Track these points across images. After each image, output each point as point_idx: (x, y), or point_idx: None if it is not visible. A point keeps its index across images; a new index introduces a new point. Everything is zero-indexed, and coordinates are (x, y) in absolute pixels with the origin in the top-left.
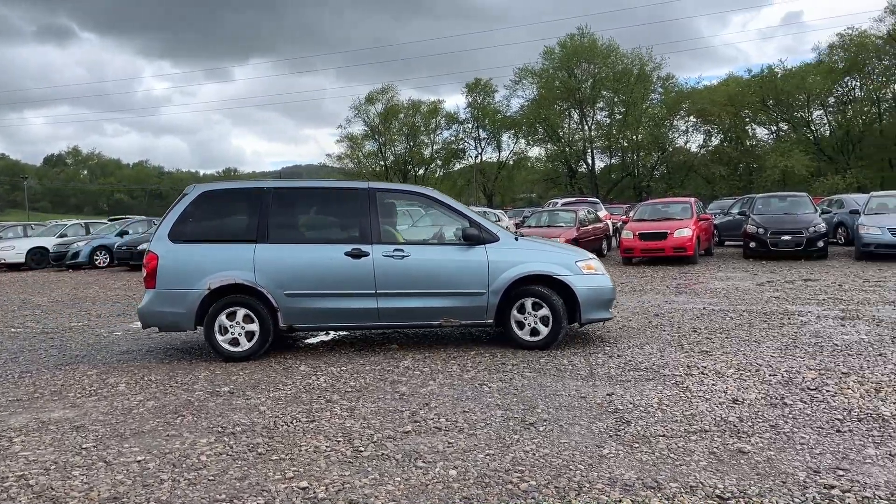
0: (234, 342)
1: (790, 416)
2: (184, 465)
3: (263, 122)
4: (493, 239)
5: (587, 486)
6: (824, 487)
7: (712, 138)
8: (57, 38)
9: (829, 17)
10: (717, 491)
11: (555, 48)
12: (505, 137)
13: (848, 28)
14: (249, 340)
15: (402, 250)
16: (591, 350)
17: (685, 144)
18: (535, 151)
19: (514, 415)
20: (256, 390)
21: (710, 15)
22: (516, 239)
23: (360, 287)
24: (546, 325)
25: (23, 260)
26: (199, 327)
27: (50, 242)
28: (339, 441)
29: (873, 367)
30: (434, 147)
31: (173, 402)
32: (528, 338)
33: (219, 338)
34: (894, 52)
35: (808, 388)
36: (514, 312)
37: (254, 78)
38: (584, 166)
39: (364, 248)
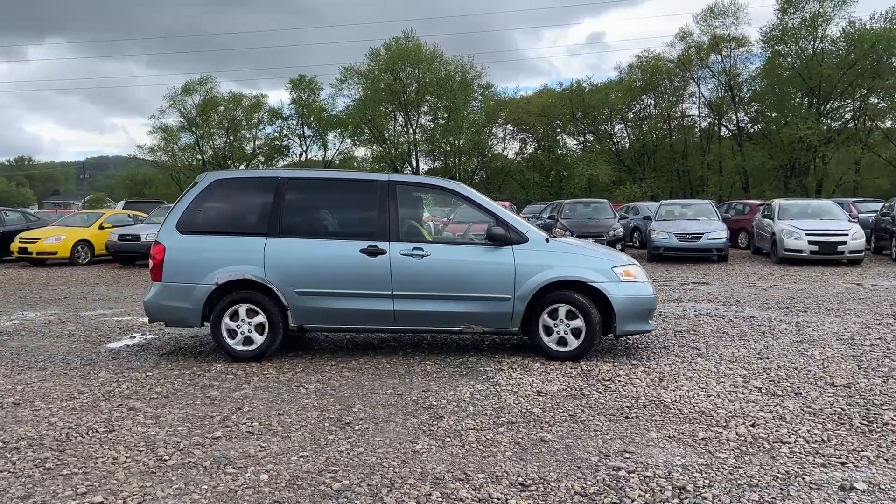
0: (248, 341)
1: (587, 405)
2: None
3: (64, 109)
4: (522, 240)
5: (399, 482)
6: (613, 469)
7: (527, 146)
8: None
9: (629, 38)
10: (521, 479)
11: (380, 50)
12: (331, 136)
13: (644, 51)
14: (260, 336)
15: (421, 249)
16: (408, 349)
17: (503, 151)
18: (361, 151)
19: (330, 415)
20: (47, 400)
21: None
22: (547, 240)
23: (376, 287)
24: (577, 337)
25: None
26: (206, 324)
27: None
28: (140, 451)
29: (657, 359)
30: (256, 142)
31: None
32: (556, 347)
33: (226, 337)
34: (683, 74)
35: (604, 380)
36: (545, 316)
37: (50, 59)
38: (409, 168)
39: (381, 245)
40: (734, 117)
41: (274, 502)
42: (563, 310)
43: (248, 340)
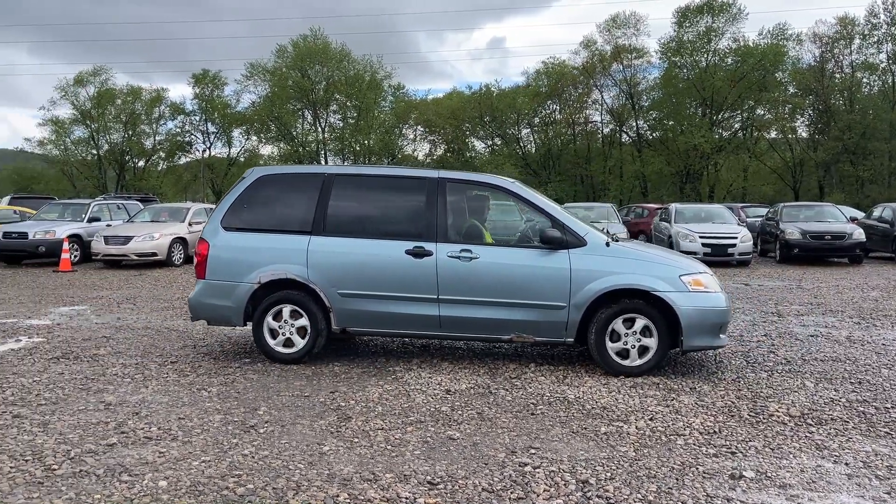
0: (289, 343)
1: (494, 403)
2: None
3: None
4: (580, 243)
5: (306, 484)
6: (519, 465)
7: (437, 148)
8: None
9: (529, 45)
10: (429, 477)
11: (288, 47)
12: (236, 133)
13: (550, 57)
14: (301, 339)
15: (469, 251)
16: (314, 351)
17: (413, 152)
18: (267, 149)
19: (234, 418)
20: None
21: (428, 31)
22: (608, 244)
23: (421, 291)
24: (643, 351)
25: None
26: (248, 324)
27: None
28: (27, 460)
29: (560, 358)
30: (157, 138)
31: None
32: (621, 361)
33: (268, 337)
34: (587, 82)
35: (510, 378)
36: (609, 340)
37: None
38: None
39: (427, 246)
40: (634, 124)
41: None
42: (637, 322)
43: (288, 342)
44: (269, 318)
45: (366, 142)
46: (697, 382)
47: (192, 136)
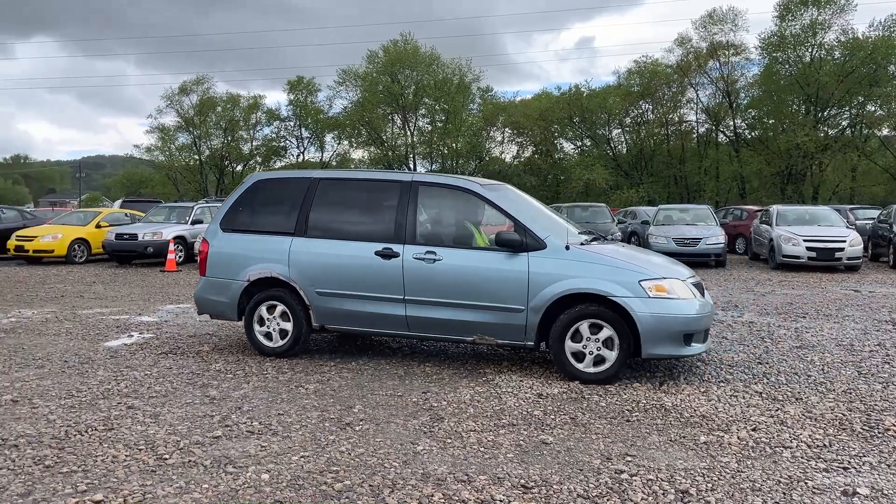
0: (275, 337)
1: (588, 408)
2: None
3: (55, 107)
4: (539, 246)
5: (401, 482)
6: (615, 472)
7: (525, 150)
8: None
9: (618, 44)
10: (523, 481)
11: (378, 52)
12: (328, 138)
13: (642, 56)
14: (283, 337)
15: (434, 253)
16: (406, 351)
17: (500, 154)
18: (358, 153)
19: (330, 416)
20: (45, 398)
21: (515, 33)
22: (567, 247)
23: (389, 291)
24: (612, 352)
25: None
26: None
27: None
28: (140, 449)
29: (657, 363)
30: (254, 143)
31: None
32: (581, 367)
33: (256, 332)
34: (681, 80)
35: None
36: (569, 342)
37: (39, 57)
38: (406, 171)
39: (395, 247)
40: (731, 123)
41: (275, 502)
42: (584, 326)
43: (274, 336)
44: (257, 314)
45: (454, 145)
46: (804, 392)
47: (287, 142)
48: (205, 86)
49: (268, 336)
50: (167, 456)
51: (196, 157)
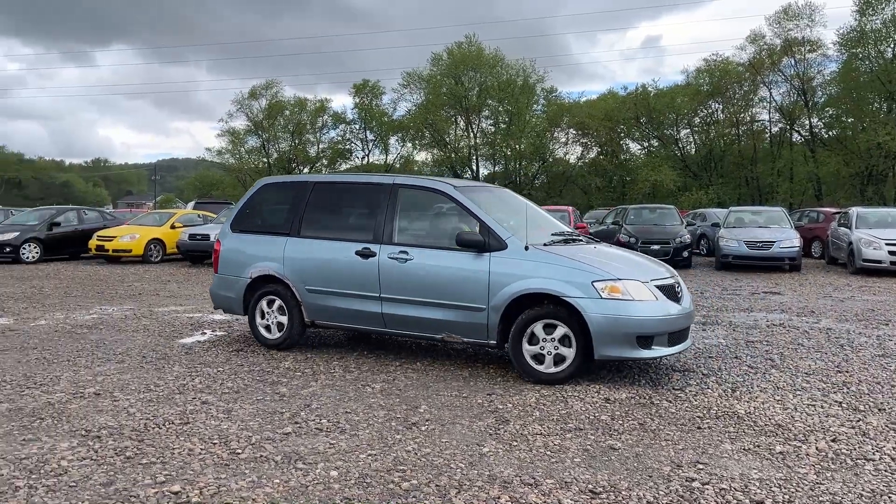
0: (273, 330)
1: (657, 414)
2: (42, 471)
3: (132, 112)
4: (501, 247)
5: (467, 483)
6: (686, 480)
7: (590, 151)
8: None
9: (687, 42)
10: (590, 485)
11: (442, 54)
12: (392, 140)
13: (712, 54)
14: (279, 330)
15: (406, 252)
16: (473, 351)
17: (565, 156)
18: (421, 156)
19: (396, 415)
20: (125, 391)
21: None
22: (526, 248)
23: (367, 289)
24: (570, 350)
25: None
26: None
27: None
28: (214, 443)
29: (730, 369)
30: (320, 146)
31: (31, 404)
32: (544, 369)
33: (258, 324)
34: (753, 78)
35: (674, 389)
36: (526, 343)
37: (118, 65)
38: (469, 173)
39: (373, 247)
40: (807, 122)
41: (344, 499)
42: (539, 327)
43: (273, 329)
44: (259, 308)
45: (517, 146)
46: (887, 402)
47: (352, 144)
48: (273, 90)
49: (268, 328)
50: (240, 450)
51: (265, 159)
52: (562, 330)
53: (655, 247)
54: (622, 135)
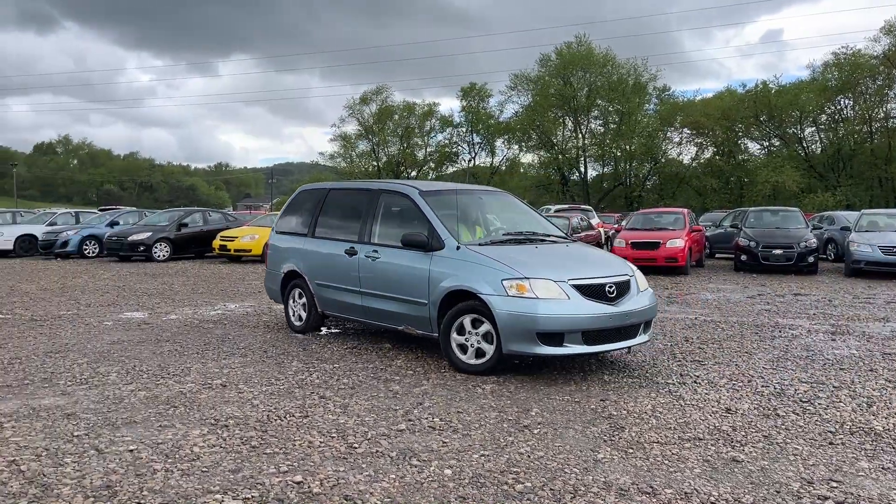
0: (299, 318)
1: (783, 427)
2: (177, 456)
3: (250, 119)
4: (440, 246)
5: (583, 489)
6: (818, 498)
7: (705, 151)
8: (38, 25)
9: (813, 35)
10: (712, 498)
11: (551, 55)
12: (499, 143)
13: (842, 47)
14: (300, 319)
15: (376, 251)
16: (583, 356)
17: (678, 156)
18: (528, 158)
19: (508, 417)
20: (249, 384)
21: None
22: (458, 248)
23: (352, 284)
24: (491, 345)
25: (11, 247)
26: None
27: (39, 230)
28: (332, 437)
29: (864, 382)
30: (427, 149)
31: (165, 393)
32: (467, 359)
33: (289, 312)
34: (888, 72)
35: (801, 401)
36: (454, 334)
37: (237, 74)
38: (577, 174)
39: (357, 247)
40: None
41: (458, 498)
42: (468, 320)
43: (299, 318)
44: (290, 298)
45: (627, 146)
46: None
47: (459, 147)
48: (383, 95)
49: (297, 317)
50: (357, 445)
51: (374, 163)
52: (487, 326)
53: (777, 251)
54: (740, 134)
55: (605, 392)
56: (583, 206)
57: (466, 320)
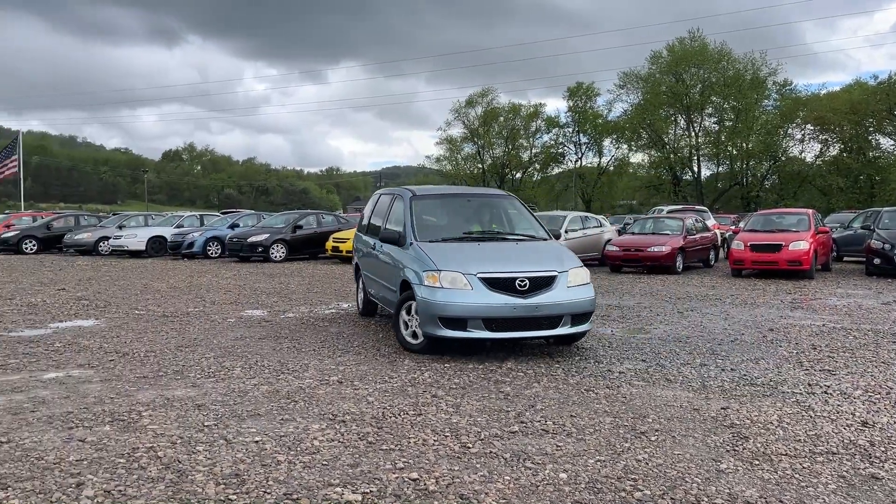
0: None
1: None
2: (298, 449)
3: (359, 124)
4: (407, 243)
5: (705, 500)
6: None
7: (830, 148)
8: (166, 39)
9: None
10: None
11: (662, 52)
12: (606, 143)
13: None
14: (361, 304)
15: (379, 245)
16: (701, 361)
17: (800, 154)
18: (637, 157)
19: (623, 422)
20: (364, 381)
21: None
22: (411, 244)
23: (373, 273)
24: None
25: (143, 248)
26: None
27: (168, 232)
28: (446, 436)
29: None
30: (533, 151)
31: (285, 387)
32: (407, 338)
33: (358, 297)
34: None
35: None
36: (403, 314)
37: (346, 81)
38: (690, 174)
39: (375, 242)
40: None
41: (574, 503)
42: (414, 304)
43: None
44: (360, 286)
45: (744, 144)
46: None
47: (565, 148)
48: (489, 97)
49: (361, 302)
50: (470, 445)
51: (479, 165)
52: None
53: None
54: (871, 129)
55: (727, 400)
56: (697, 207)
57: (413, 305)
